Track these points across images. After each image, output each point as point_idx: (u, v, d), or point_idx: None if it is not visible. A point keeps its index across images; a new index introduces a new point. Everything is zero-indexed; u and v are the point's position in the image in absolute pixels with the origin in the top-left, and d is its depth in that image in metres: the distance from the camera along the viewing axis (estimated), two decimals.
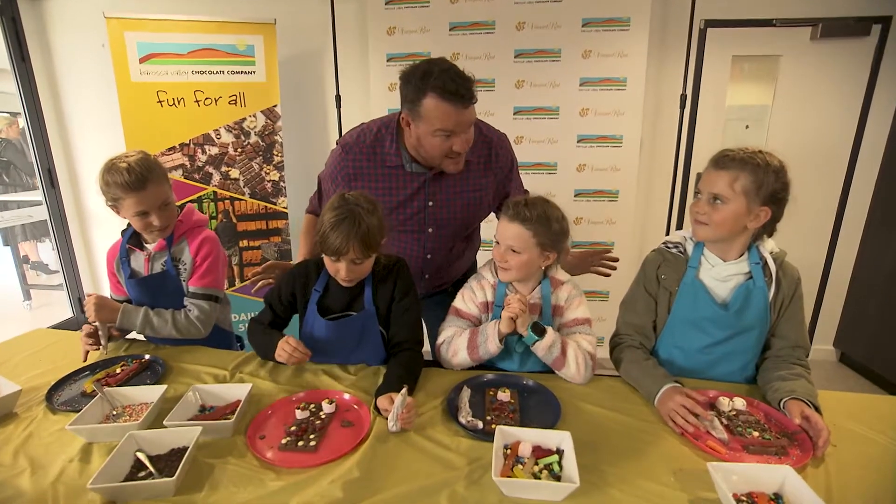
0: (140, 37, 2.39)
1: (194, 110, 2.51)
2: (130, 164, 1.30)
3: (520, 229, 1.21)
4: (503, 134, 1.47)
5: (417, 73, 1.18)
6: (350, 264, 1.17)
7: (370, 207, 1.17)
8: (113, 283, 1.52)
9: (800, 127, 2.67)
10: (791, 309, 1.17)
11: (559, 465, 0.89)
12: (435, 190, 1.40)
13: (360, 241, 1.13)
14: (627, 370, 1.21)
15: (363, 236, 1.13)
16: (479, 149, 1.38)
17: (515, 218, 1.21)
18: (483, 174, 1.42)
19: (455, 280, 1.64)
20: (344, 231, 1.12)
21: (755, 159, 1.08)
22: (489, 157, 1.42)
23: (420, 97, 1.18)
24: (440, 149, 1.25)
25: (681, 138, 2.63)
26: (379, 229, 1.17)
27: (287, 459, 0.94)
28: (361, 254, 1.15)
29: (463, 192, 1.42)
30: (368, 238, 1.14)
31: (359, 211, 1.14)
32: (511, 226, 1.22)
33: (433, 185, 1.40)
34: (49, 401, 1.15)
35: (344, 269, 1.18)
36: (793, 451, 0.95)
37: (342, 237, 1.12)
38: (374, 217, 1.16)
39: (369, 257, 1.19)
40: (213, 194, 2.63)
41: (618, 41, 2.44)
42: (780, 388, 1.08)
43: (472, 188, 1.43)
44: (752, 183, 1.08)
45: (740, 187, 1.08)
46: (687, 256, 1.23)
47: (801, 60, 2.60)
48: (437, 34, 2.56)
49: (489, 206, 1.50)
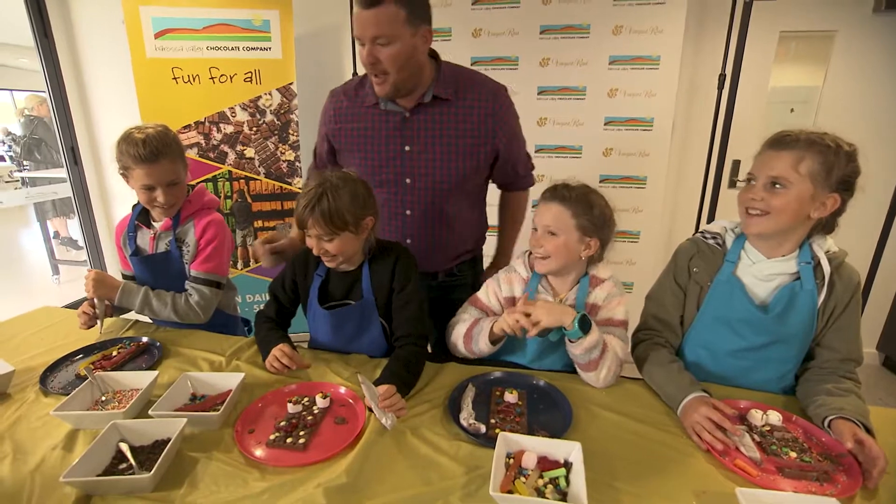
0: (155, 11, 2.34)
1: (209, 87, 2.46)
2: (147, 135, 1.28)
3: (558, 208, 1.12)
4: (503, 87, 1.35)
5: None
6: (318, 240, 1.13)
7: (341, 185, 1.10)
8: (122, 258, 1.49)
9: (854, 111, 2.43)
10: (844, 318, 1.03)
11: (566, 479, 0.80)
12: (411, 133, 1.30)
13: (320, 215, 1.08)
14: (650, 372, 1.11)
15: (324, 210, 1.07)
16: (462, 89, 1.27)
17: (553, 198, 1.14)
18: (466, 117, 1.28)
19: (449, 269, 1.49)
20: (304, 201, 1.10)
21: (823, 139, 0.94)
22: (476, 101, 1.28)
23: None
24: (361, 58, 1.19)
25: (716, 122, 2.44)
26: (351, 209, 1.09)
27: (274, 457, 0.88)
28: (324, 230, 1.09)
29: (442, 136, 1.29)
30: (331, 214, 1.07)
31: (328, 185, 1.09)
32: (549, 206, 1.14)
33: (409, 126, 1.30)
34: (42, 383, 1.12)
35: (314, 244, 1.14)
36: (838, 478, 0.83)
37: (302, 207, 1.10)
38: (344, 194, 1.09)
39: (336, 235, 1.11)
40: (227, 173, 2.59)
41: (652, 16, 2.25)
42: (826, 403, 0.95)
43: (454, 132, 1.29)
44: (821, 165, 0.94)
45: (806, 169, 0.95)
46: (725, 249, 1.11)
47: (859, 36, 2.35)
48: (458, 9, 2.42)
49: (475, 159, 1.33)
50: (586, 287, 1.18)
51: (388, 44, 1.14)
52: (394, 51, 1.14)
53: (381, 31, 1.12)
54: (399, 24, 1.11)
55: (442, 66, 1.29)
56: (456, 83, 1.28)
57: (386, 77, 1.19)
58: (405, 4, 1.10)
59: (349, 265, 1.20)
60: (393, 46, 1.14)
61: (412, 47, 1.17)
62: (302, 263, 1.25)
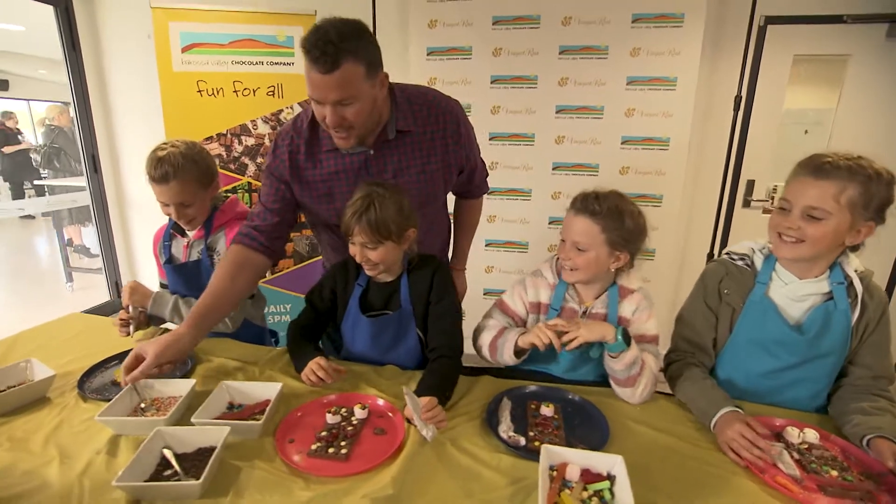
0: (183, 27, 2.41)
1: (233, 100, 2.51)
2: (166, 155, 1.30)
3: (587, 223, 1.10)
4: (454, 101, 1.31)
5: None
6: (361, 248, 1.14)
7: (388, 195, 1.12)
8: (158, 266, 1.52)
9: (867, 133, 2.47)
10: (876, 335, 1.04)
11: (610, 492, 0.81)
12: (378, 169, 1.25)
13: (367, 224, 1.10)
14: (683, 388, 1.11)
15: (370, 220, 1.10)
16: (420, 115, 1.24)
17: (583, 211, 1.11)
18: (430, 143, 1.26)
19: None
20: (354, 209, 1.11)
21: (864, 168, 0.93)
22: (436, 125, 1.26)
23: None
24: (318, 116, 1.12)
25: (732, 143, 2.48)
26: (396, 220, 1.12)
27: (317, 467, 0.89)
28: (369, 238, 1.11)
29: (411, 166, 1.26)
30: (377, 223, 1.10)
31: (375, 195, 1.11)
32: (577, 220, 1.12)
33: (375, 163, 1.24)
34: (81, 388, 1.13)
35: (358, 252, 1.15)
36: (881, 498, 0.83)
37: (350, 214, 1.12)
38: (390, 204, 1.11)
39: (380, 244, 1.13)
40: (247, 185, 2.63)
41: (670, 38, 2.31)
42: (863, 422, 0.95)
43: (421, 160, 1.27)
44: (862, 196, 0.93)
45: (847, 200, 0.94)
46: (755, 271, 1.11)
47: (872, 61, 2.40)
48: (479, 28, 2.48)
49: (443, 181, 1.32)
50: (616, 298, 1.17)
51: (351, 104, 1.07)
52: (357, 108, 1.08)
53: (343, 94, 1.05)
54: (359, 81, 1.05)
55: (397, 97, 1.22)
56: (412, 110, 1.23)
57: (350, 132, 1.13)
58: (362, 59, 1.03)
59: (389, 275, 1.22)
60: (356, 104, 1.08)
61: (373, 98, 1.11)
62: (342, 273, 1.27)
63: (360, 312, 1.23)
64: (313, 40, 1.00)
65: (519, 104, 2.55)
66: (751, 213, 2.66)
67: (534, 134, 2.58)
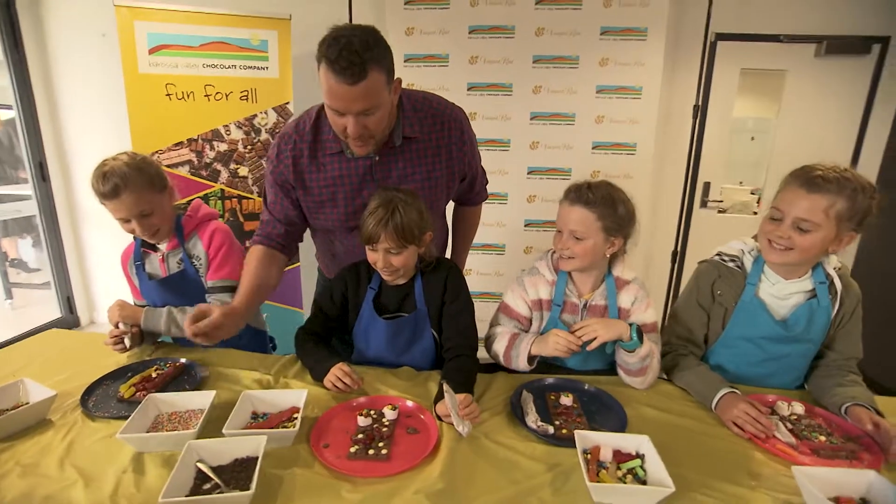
0: (150, 27, 2.30)
1: (204, 105, 2.43)
2: (112, 169, 1.23)
3: (583, 212, 1.15)
4: (459, 108, 1.32)
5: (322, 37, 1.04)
6: (385, 253, 1.16)
7: (409, 200, 1.15)
8: (132, 287, 1.45)
9: (802, 140, 2.76)
10: (850, 324, 1.17)
11: (642, 469, 0.88)
12: (383, 175, 1.25)
13: (393, 230, 1.12)
14: (681, 376, 1.21)
15: (397, 225, 1.12)
16: (426, 123, 1.25)
17: (578, 201, 1.16)
18: (436, 150, 1.27)
19: None
20: (377, 217, 1.12)
21: (851, 181, 1.01)
22: (441, 132, 1.27)
23: (319, 63, 1.04)
24: (336, 127, 1.12)
25: (692, 148, 2.69)
26: (419, 224, 1.15)
27: (360, 468, 0.90)
28: (395, 243, 1.14)
29: (416, 173, 1.27)
30: (403, 228, 1.12)
31: (397, 200, 1.13)
32: (573, 209, 1.16)
33: (380, 168, 1.25)
34: (85, 406, 1.07)
35: (380, 258, 1.16)
36: (863, 456, 0.96)
37: (375, 223, 1.12)
38: (412, 210, 1.14)
39: (405, 248, 1.16)
40: (220, 192, 2.54)
41: (635, 50, 2.48)
42: (841, 393, 1.09)
43: (426, 167, 1.28)
44: (848, 209, 1.01)
45: (835, 213, 1.01)
46: (745, 272, 1.20)
47: (805, 75, 2.69)
48: (456, 36, 2.54)
49: (446, 189, 1.34)
50: (613, 288, 1.24)
51: (374, 113, 1.07)
52: (379, 116, 1.09)
53: (368, 104, 1.04)
54: (382, 89, 1.05)
55: (403, 103, 1.22)
56: (417, 116, 1.24)
57: (370, 140, 1.14)
58: (383, 67, 1.03)
59: (403, 278, 1.25)
60: (378, 113, 1.08)
61: (391, 105, 1.12)
62: (353, 277, 1.27)
63: (377, 315, 1.24)
64: (337, 50, 0.98)
65: (495, 111, 2.64)
66: (707, 212, 2.89)
67: (509, 140, 2.68)
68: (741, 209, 3.11)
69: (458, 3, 2.50)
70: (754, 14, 2.55)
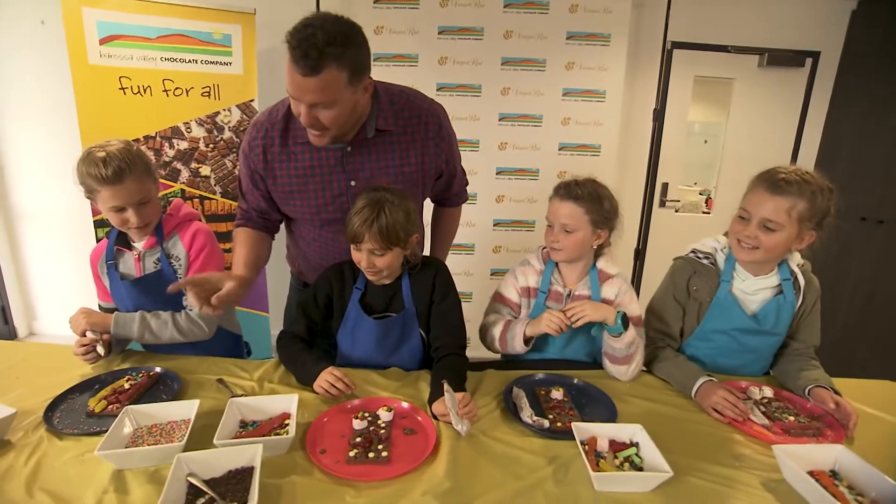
0: (100, 15, 2.14)
1: (162, 100, 2.29)
2: (109, 154, 1.17)
3: (573, 207, 1.22)
4: (438, 104, 1.31)
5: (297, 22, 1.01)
6: (369, 255, 1.14)
7: (397, 202, 1.14)
8: (100, 288, 1.35)
9: (749, 143, 2.96)
10: (811, 316, 1.27)
11: (638, 456, 0.92)
12: (354, 167, 1.23)
13: (377, 231, 1.11)
14: (661, 367, 1.27)
15: (381, 227, 1.10)
16: (402, 116, 1.23)
17: (567, 196, 1.23)
18: (409, 144, 1.25)
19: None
20: (363, 216, 1.11)
21: (811, 184, 1.09)
22: (417, 126, 1.25)
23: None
24: (294, 110, 1.09)
25: (653, 150, 2.82)
26: (405, 226, 1.14)
27: (362, 472, 0.88)
28: (378, 245, 1.12)
29: (388, 166, 1.25)
30: (388, 230, 1.11)
31: (384, 201, 1.12)
32: (564, 204, 1.23)
33: (352, 160, 1.22)
34: (50, 424, 0.99)
35: (364, 258, 1.15)
36: (826, 433, 1.05)
37: (360, 222, 1.11)
38: (399, 211, 1.13)
39: (389, 250, 1.15)
40: (180, 192, 2.41)
41: (599, 55, 2.57)
42: (804, 377, 1.18)
43: (398, 161, 1.25)
44: (809, 210, 1.09)
45: (797, 214, 1.09)
46: (718, 269, 1.28)
47: (750, 84, 2.89)
48: (425, 36, 2.54)
49: (421, 184, 1.32)
50: (597, 280, 1.30)
51: (328, 108, 1.04)
52: (335, 112, 1.05)
53: (320, 98, 1.01)
54: (340, 87, 1.01)
55: (380, 96, 1.20)
56: (393, 109, 1.22)
57: (325, 132, 1.10)
58: (346, 65, 0.99)
59: (389, 279, 1.23)
60: (333, 109, 1.05)
61: (353, 104, 1.08)
62: (338, 278, 1.24)
63: (365, 315, 1.22)
64: (298, 38, 0.96)
65: (464, 111, 2.66)
66: (665, 212, 3.04)
67: (478, 140, 2.71)
68: (692, 209, 3.31)
69: (428, 4, 2.50)
70: (706, 25, 2.71)
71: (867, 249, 2.72)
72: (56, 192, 2.70)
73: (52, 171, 2.66)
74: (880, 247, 2.66)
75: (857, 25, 2.72)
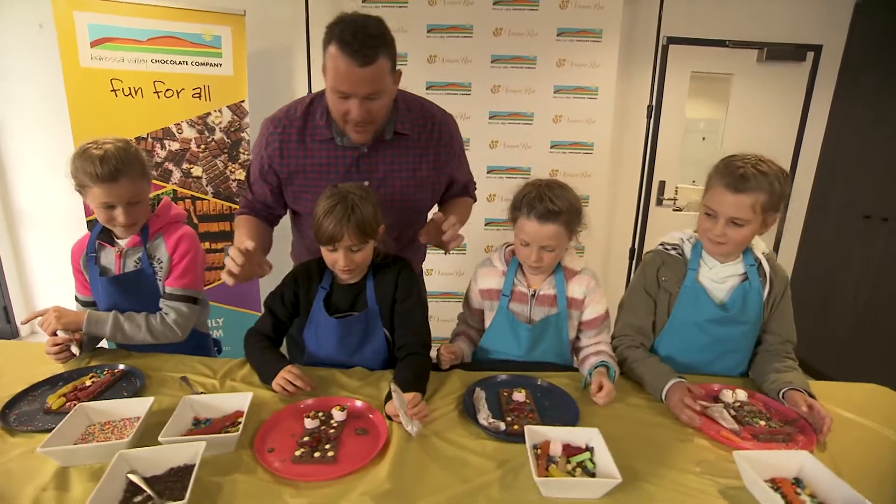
0: (92, 18, 2.18)
1: (153, 102, 2.32)
2: (106, 152, 1.18)
3: (554, 228, 1.17)
4: (450, 115, 1.36)
5: (332, 21, 1.07)
6: (347, 252, 1.13)
7: (363, 195, 1.14)
8: (79, 281, 1.37)
9: (749, 140, 2.87)
10: (781, 306, 1.24)
11: (591, 461, 0.89)
12: (370, 167, 1.27)
13: (354, 226, 1.10)
14: (631, 368, 1.23)
15: (357, 221, 1.10)
16: (417, 123, 1.28)
17: (546, 218, 1.16)
18: (423, 151, 1.29)
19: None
20: (337, 216, 1.10)
21: (768, 173, 1.10)
22: (431, 134, 1.29)
23: (327, 45, 1.06)
24: (338, 111, 1.14)
25: (647, 147, 2.77)
26: (374, 217, 1.14)
27: (305, 472, 0.87)
28: (357, 240, 1.12)
29: (402, 170, 1.29)
30: (363, 223, 1.11)
31: (352, 197, 1.11)
32: (545, 227, 1.17)
33: (367, 161, 1.26)
34: (4, 420, 0.99)
35: (342, 257, 1.13)
36: (797, 437, 1.00)
37: (335, 222, 1.10)
38: (367, 204, 1.13)
39: (366, 244, 1.15)
40: (172, 193, 2.43)
41: (591, 51, 2.53)
42: (778, 379, 1.13)
43: (412, 165, 1.29)
44: (770, 200, 1.11)
45: (760, 207, 1.11)
46: (685, 259, 1.26)
47: (749, 79, 2.82)
48: (414, 35, 2.53)
49: (431, 189, 1.36)
50: (562, 279, 1.27)
51: (378, 97, 1.10)
52: (383, 102, 1.12)
53: (375, 88, 1.08)
54: (387, 75, 1.10)
55: (398, 101, 1.24)
56: (410, 115, 1.27)
57: (370, 126, 1.16)
58: (389, 54, 1.08)
59: (356, 277, 1.22)
60: (382, 98, 1.12)
61: (393, 93, 1.17)
62: (304, 277, 1.23)
63: (326, 314, 1.21)
64: (352, 32, 1.01)
65: (454, 109, 2.53)
66: (663, 210, 2.98)
67: (468, 139, 2.67)
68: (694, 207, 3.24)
69: (417, 2, 2.50)
70: (703, 20, 2.66)
71: (871, 247, 2.62)
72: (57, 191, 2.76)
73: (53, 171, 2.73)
74: (884, 245, 2.56)
75: (862, 18, 2.64)
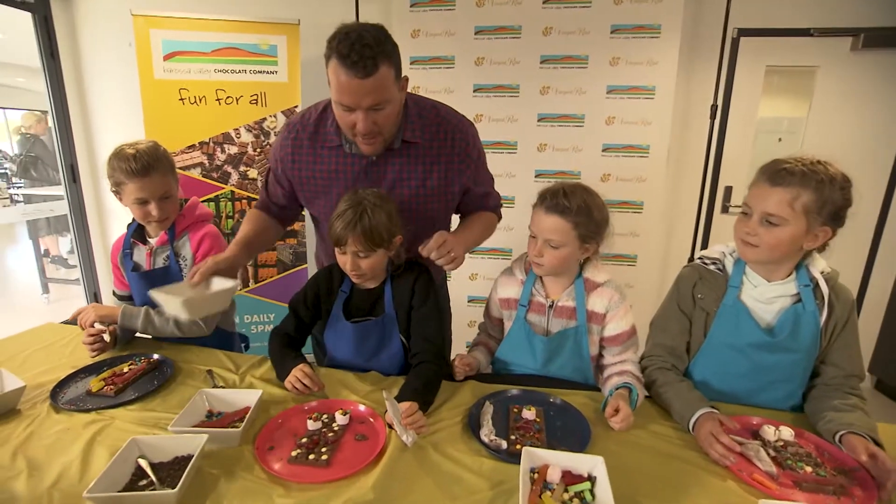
0: (165, 35, 2.40)
1: (215, 109, 2.50)
2: (138, 150, 1.30)
3: (559, 221, 1.11)
4: (468, 121, 1.30)
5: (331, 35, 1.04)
6: (353, 257, 1.14)
7: (378, 202, 1.13)
8: (117, 276, 1.50)
9: (836, 141, 2.55)
10: (844, 335, 1.06)
11: (591, 493, 0.81)
12: (378, 175, 1.25)
13: (361, 233, 1.10)
14: (659, 393, 1.12)
15: (365, 228, 1.09)
16: (430, 131, 1.23)
17: (553, 209, 1.11)
18: (435, 159, 1.25)
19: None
20: (346, 219, 1.10)
21: (818, 173, 0.95)
22: (444, 142, 1.24)
23: (328, 60, 1.04)
24: (345, 124, 1.11)
25: (709, 150, 2.54)
26: (388, 227, 1.13)
27: (297, 473, 0.88)
28: (362, 246, 1.11)
29: (410, 179, 1.25)
30: (371, 232, 1.10)
31: (366, 203, 1.11)
32: (548, 218, 1.12)
33: (376, 169, 1.24)
34: (53, 399, 1.10)
35: (348, 261, 1.14)
36: (854, 492, 0.85)
37: (343, 225, 1.11)
38: (381, 213, 1.12)
39: (373, 252, 1.14)
40: (230, 193, 2.61)
41: (647, 49, 2.37)
42: (836, 419, 0.98)
43: (421, 174, 1.25)
44: (815, 201, 0.96)
45: (801, 206, 0.96)
46: (727, 275, 1.13)
47: (839, 72, 2.49)
48: (462, 37, 2.51)
49: (443, 199, 1.30)
50: (582, 290, 1.19)
51: (383, 108, 1.07)
52: (389, 111, 1.09)
53: (379, 98, 1.04)
54: (391, 84, 1.06)
55: (409, 108, 1.22)
56: (422, 122, 1.23)
57: (378, 137, 1.14)
58: (392, 62, 1.04)
59: (373, 282, 1.23)
60: (387, 108, 1.08)
61: (399, 102, 1.13)
62: (326, 280, 1.26)
63: (344, 318, 1.22)
64: (348, 45, 0.98)
65: (501, 113, 2.58)
66: (729, 218, 2.71)
67: (516, 142, 2.62)
68: None
69: (464, 4, 2.47)
70: (779, 7, 2.39)
71: None
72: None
73: None
74: None
75: None
